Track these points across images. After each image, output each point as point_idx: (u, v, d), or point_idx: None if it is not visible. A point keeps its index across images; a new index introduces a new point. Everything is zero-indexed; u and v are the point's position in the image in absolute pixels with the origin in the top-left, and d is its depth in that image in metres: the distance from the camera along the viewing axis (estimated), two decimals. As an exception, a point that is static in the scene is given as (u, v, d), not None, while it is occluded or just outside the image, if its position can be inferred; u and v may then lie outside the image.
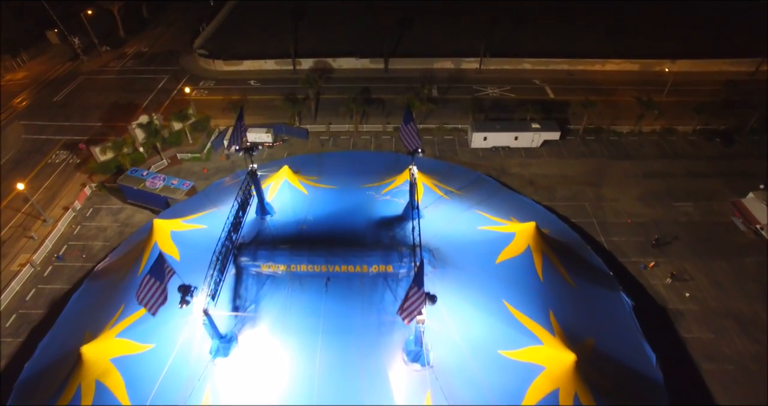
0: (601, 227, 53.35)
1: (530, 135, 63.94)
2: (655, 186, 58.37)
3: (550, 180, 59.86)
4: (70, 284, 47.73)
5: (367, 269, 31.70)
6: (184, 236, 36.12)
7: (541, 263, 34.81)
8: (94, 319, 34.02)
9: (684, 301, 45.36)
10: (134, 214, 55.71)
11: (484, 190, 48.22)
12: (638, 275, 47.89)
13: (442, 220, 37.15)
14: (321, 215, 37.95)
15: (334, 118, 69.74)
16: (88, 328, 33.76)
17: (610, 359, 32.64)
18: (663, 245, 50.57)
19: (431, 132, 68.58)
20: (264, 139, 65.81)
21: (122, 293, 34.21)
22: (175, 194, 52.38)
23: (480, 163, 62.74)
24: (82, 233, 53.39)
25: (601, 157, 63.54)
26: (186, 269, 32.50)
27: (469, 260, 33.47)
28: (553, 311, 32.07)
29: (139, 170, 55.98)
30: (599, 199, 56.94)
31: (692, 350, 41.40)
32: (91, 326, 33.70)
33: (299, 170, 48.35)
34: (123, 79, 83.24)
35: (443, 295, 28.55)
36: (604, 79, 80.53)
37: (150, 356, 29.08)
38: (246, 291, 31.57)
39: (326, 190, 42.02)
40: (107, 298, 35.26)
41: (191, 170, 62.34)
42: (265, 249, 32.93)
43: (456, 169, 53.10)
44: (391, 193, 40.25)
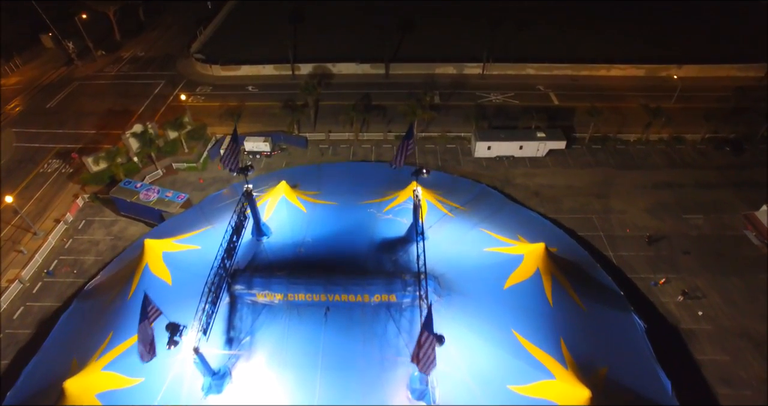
0: (608, 240, 51.73)
1: (535, 144, 62.32)
2: (663, 197, 56.75)
3: (556, 191, 58.22)
4: (60, 301, 46.06)
5: (368, 299, 30.05)
6: (177, 258, 34.47)
7: (550, 287, 33.20)
8: (82, 345, 32.37)
9: (697, 320, 43.75)
10: (128, 226, 54.04)
11: (489, 204, 46.59)
12: (648, 292, 46.29)
13: (446, 241, 35.52)
14: (320, 235, 36.27)
15: (333, 125, 68.11)
16: (75, 354, 32.16)
17: (625, 389, 31.04)
18: (655, 242, 50.07)
19: (433, 140, 67.00)
20: (262, 148, 64.19)
21: (111, 319, 32.57)
22: (169, 208, 50.71)
23: (484, 174, 61.12)
24: (74, 247, 51.71)
25: (608, 167, 61.90)
26: (178, 295, 31.01)
27: (476, 287, 31.85)
28: (565, 339, 30.45)
29: (132, 182, 54.28)
30: (606, 211, 55.31)
31: (708, 374, 39.78)
32: (78, 352, 32.08)
33: (297, 184, 46.78)
34: (118, 85, 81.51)
35: (449, 326, 27.05)
36: (609, 85, 78.90)
37: (138, 391, 27.47)
38: (240, 321, 29.93)
39: (326, 208, 40.35)
40: (96, 322, 33.62)
41: (187, 180, 60.68)
42: (261, 276, 31.26)
43: (460, 181, 51.49)
44: (393, 212, 38.61)
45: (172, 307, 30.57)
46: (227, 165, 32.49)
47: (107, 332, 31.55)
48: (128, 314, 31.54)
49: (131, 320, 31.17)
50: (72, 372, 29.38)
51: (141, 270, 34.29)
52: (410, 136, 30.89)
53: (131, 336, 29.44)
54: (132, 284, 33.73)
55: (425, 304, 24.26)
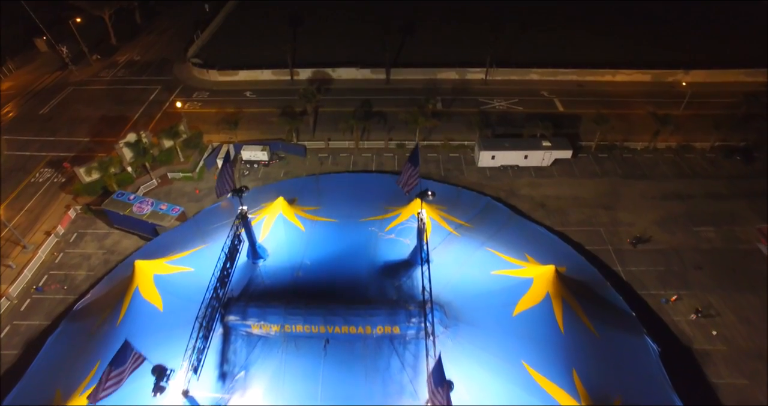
0: (617, 254, 50.06)
1: (541, 154, 60.67)
2: (673, 209, 55.08)
3: (562, 202, 56.54)
4: (48, 319, 44.33)
5: (370, 330, 28.36)
6: (169, 281, 32.79)
7: (561, 312, 31.55)
8: (67, 375, 30.69)
9: (711, 340, 42.07)
10: (121, 240, 52.33)
11: (495, 219, 44.95)
12: (659, 309, 44.63)
13: (452, 264, 33.84)
14: (319, 258, 34.57)
15: (333, 133, 66.42)
16: (59, 385, 30.48)
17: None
18: (642, 244, 49.47)
19: (436, 149, 65.34)
20: (260, 157, 62.55)
21: (98, 346, 30.87)
22: (163, 221, 49.02)
23: (488, 184, 59.46)
24: (65, 262, 49.99)
25: (615, 177, 60.23)
26: (168, 323, 29.39)
27: (484, 315, 30.19)
28: (577, 369, 28.82)
29: (125, 194, 52.57)
30: (614, 223, 53.64)
31: (724, 398, 38.12)
32: (62, 382, 30.41)
33: (295, 199, 45.11)
34: (113, 90, 79.76)
35: (457, 360, 25.53)
36: (615, 91, 77.21)
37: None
38: (234, 355, 28.22)
39: (325, 225, 38.65)
40: (83, 349, 31.90)
41: (182, 191, 58.98)
42: (257, 306, 29.54)
43: (464, 194, 49.83)
44: (396, 231, 36.91)
45: (162, 336, 29.10)
46: (220, 192, 30.50)
47: (94, 361, 29.86)
48: (116, 342, 29.66)
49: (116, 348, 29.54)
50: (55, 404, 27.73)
51: (131, 293, 32.61)
52: (415, 160, 29.18)
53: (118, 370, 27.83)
54: (121, 309, 32.05)
55: (432, 354, 22.38)
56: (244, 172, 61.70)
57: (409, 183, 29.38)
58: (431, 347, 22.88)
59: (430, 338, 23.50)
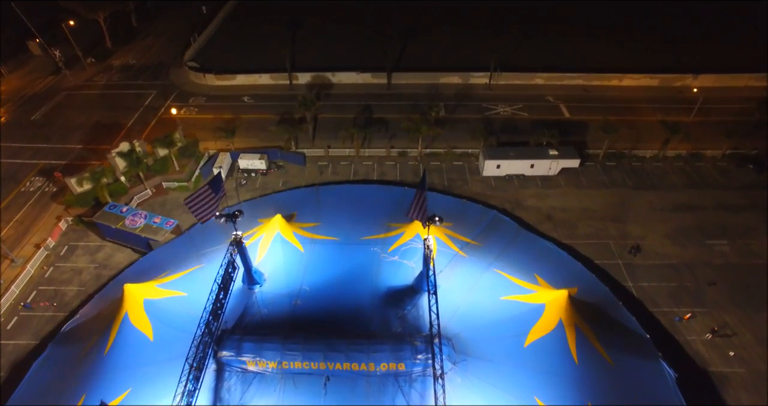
0: (627, 269, 48.29)
1: (547, 163, 58.91)
2: (684, 221, 53.30)
3: (570, 214, 54.75)
4: (36, 338, 42.48)
5: (374, 367, 26.63)
6: (159, 308, 31.02)
7: (574, 340, 29.84)
8: None
9: (728, 362, 40.32)
10: (114, 253, 50.50)
11: (502, 235, 43.19)
12: (672, 328, 42.89)
13: (459, 289, 32.08)
14: (319, 284, 32.80)
15: (333, 140, 64.59)
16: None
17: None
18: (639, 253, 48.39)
19: (439, 157, 63.57)
20: (257, 166, 60.71)
21: (85, 377, 29.14)
22: (157, 236, 47.20)
23: (493, 195, 57.67)
24: (55, 277, 48.16)
25: (624, 188, 58.43)
26: (159, 354, 27.70)
27: (494, 347, 28.47)
28: (593, 404, 27.01)
29: (118, 206, 50.75)
30: (624, 236, 51.87)
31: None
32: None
33: (294, 213, 43.34)
34: (108, 96, 77.87)
35: (466, 397, 23.71)
36: (622, 96, 75.43)
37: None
38: (228, 393, 26.48)
39: (325, 245, 36.88)
40: (69, 378, 30.09)
41: (177, 202, 56.96)
42: (252, 340, 27.76)
43: (469, 207, 48.02)
44: (399, 253, 35.14)
45: (152, 371, 27.42)
46: (207, 213, 28.41)
47: (80, 393, 28.11)
48: (103, 374, 28.23)
49: (106, 382, 27.90)
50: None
51: (120, 319, 30.87)
52: (423, 186, 27.41)
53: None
54: (109, 337, 30.28)
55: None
56: (241, 182, 59.88)
57: (420, 212, 27.57)
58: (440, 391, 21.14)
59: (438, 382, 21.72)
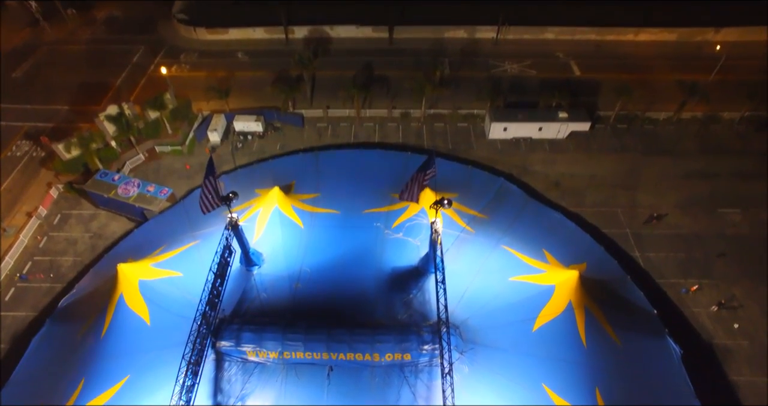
0: (635, 239, 47.22)
1: (556, 126, 56.39)
2: (696, 189, 51.56)
3: (578, 181, 52.95)
4: (35, 310, 42.02)
5: (378, 358, 25.84)
6: (155, 290, 29.92)
7: (583, 323, 29.06)
8: (51, 389, 28.48)
9: (732, 334, 40.08)
10: (108, 222, 49.11)
11: (510, 205, 41.60)
12: (679, 300, 42.37)
13: (468, 271, 30.82)
14: (320, 264, 31.48)
15: (332, 100, 61.47)
16: (43, 399, 28.34)
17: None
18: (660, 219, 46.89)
19: (443, 119, 60.88)
20: (253, 128, 58.18)
21: (83, 361, 28.53)
22: (151, 205, 45.60)
23: (499, 159, 55.57)
24: (49, 247, 47.04)
25: (635, 153, 56.22)
26: (157, 340, 26.93)
27: (503, 333, 27.60)
28: (600, 388, 26.76)
29: (109, 174, 48.77)
30: (633, 205, 50.37)
31: (745, 398, 36.54)
32: (47, 397, 28.26)
33: (293, 183, 41.54)
34: (92, 52, 73.32)
35: (473, 388, 23.24)
36: (638, 53, 71.34)
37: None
38: (229, 384, 25.85)
39: (326, 220, 35.31)
40: (67, 361, 29.48)
41: (172, 167, 55.07)
42: (252, 330, 26.75)
43: (476, 175, 46.10)
44: (403, 229, 33.65)
45: (150, 356, 26.66)
46: (206, 209, 26.60)
47: (78, 377, 27.59)
48: (101, 359, 27.63)
49: (104, 367, 27.32)
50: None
51: (115, 301, 29.89)
52: (429, 167, 25.36)
53: (103, 392, 25.66)
54: (105, 319, 29.40)
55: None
56: (237, 145, 57.55)
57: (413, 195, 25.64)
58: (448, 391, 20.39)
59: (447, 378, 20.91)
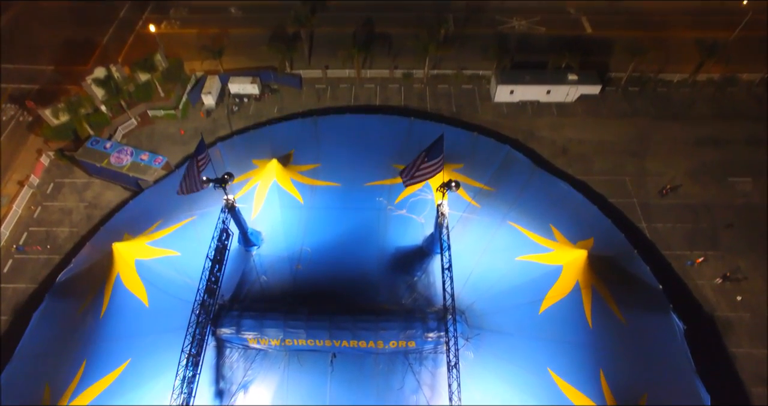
0: (642, 209, 46.32)
1: (565, 89, 54.00)
2: (707, 156, 50.02)
3: (586, 147, 51.32)
4: (35, 282, 41.75)
5: (383, 345, 25.42)
6: (152, 270, 29.22)
7: (590, 303, 28.66)
8: (54, 367, 28.42)
9: (734, 307, 40.07)
10: (103, 191, 47.89)
11: (516, 176, 40.32)
12: (683, 272, 42.06)
13: (473, 250, 29.94)
14: (321, 244, 30.54)
15: (331, 59, 58.51)
16: (47, 378, 28.42)
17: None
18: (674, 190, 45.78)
19: (447, 80, 58.26)
20: (249, 90, 55.75)
21: (83, 341, 28.29)
22: (146, 174, 44.23)
23: (504, 124, 53.63)
24: (44, 217, 46.09)
25: (646, 117, 54.13)
26: (156, 324, 26.55)
27: (509, 317, 27.15)
28: (604, 370, 26.71)
29: (101, 141, 46.99)
30: (642, 173, 49.05)
31: (742, 369, 37.00)
32: (50, 376, 28.35)
33: (292, 152, 40.02)
34: (75, 6, 68.72)
35: (478, 375, 23.11)
36: (654, 8, 67.17)
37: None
38: (231, 370, 25.61)
39: (326, 194, 34.08)
40: (68, 340, 29.21)
41: (166, 132, 53.14)
42: (252, 317, 26.13)
43: (481, 143, 44.40)
44: (407, 206, 32.49)
45: (151, 339, 26.41)
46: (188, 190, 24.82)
47: (80, 358, 27.44)
48: (101, 340, 27.40)
49: (105, 349, 27.14)
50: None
51: (112, 280, 29.30)
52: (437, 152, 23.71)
53: (105, 375, 25.56)
54: (104, 299, 28.91)
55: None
56: (233, 109, 55.32)
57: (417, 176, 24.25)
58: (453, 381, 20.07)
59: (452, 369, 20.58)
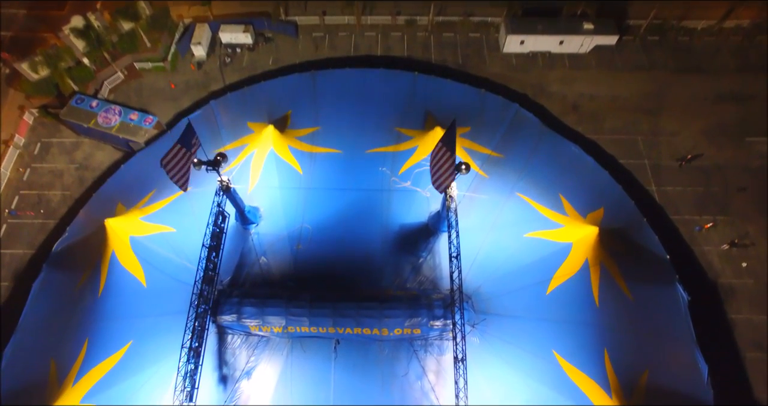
0: (653, 170, 44.82)
1: (580, 39, 50.40)
2: (726, 114, 47.58)
3: (598, 104, 48.77)
4: (32, 248, 41.21)
5: (387, 332, 24.95)
6: (148, 248, 28.31)
7: (598, 280, 28.12)
8: (59, 345, 28.34)
9: (739, 273, 39.81)
10: (93, 152, 46.04)
11: (525, 138, 38.36)
12: (691, 238, 41.40)
13: (480, 226, 28.77)
14: (321, 219, 29.31)
15: (329, 5, 54.26)
16: (52, 353, 28.45)
17: (663, 389, 28.30)
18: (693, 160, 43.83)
19: (453, 28, 54.27)
20: (242, 39, 52.07)
21: (84, 319, 27.96)
22: (136, 136, 42.19)
23: (513, 77, 50.61)
24: (34, 180, 44.62)
25: (664, 70, 50.95)
26: (155, 305, 25.97)
27: (516, 299, 26.56)
28: (608, 349, 26.65)
29: (86, 99, 44.36)
30: (655, 132, 46.95)
31: (739, 335, 37.41)
32: (55, 352, 28.33)
33: (289, 113, 37.86)
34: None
35: (483, 360, 23.12)
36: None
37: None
38: (233, 357, 25.34)
39: (326, 162, 32.38)
40: (69, 318, 28.80)
41: (156, 86, 50.22)
42: (252, 305, 25.42)
43: (489, 101, 41.85)
44: (412, 177, 30.87)
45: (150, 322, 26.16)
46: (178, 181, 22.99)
47: (82, 336, 27.27)
48: (101, 320, 27.15)
49: (106, 329, 27.01)
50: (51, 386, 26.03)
51: (108, 258, 28.53)
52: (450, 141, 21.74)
53: (108, 357, 25.50)
54: (101, 276, 28.29)
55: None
56: (225, 60, 51.94)
57: (443, 178, 22.50)
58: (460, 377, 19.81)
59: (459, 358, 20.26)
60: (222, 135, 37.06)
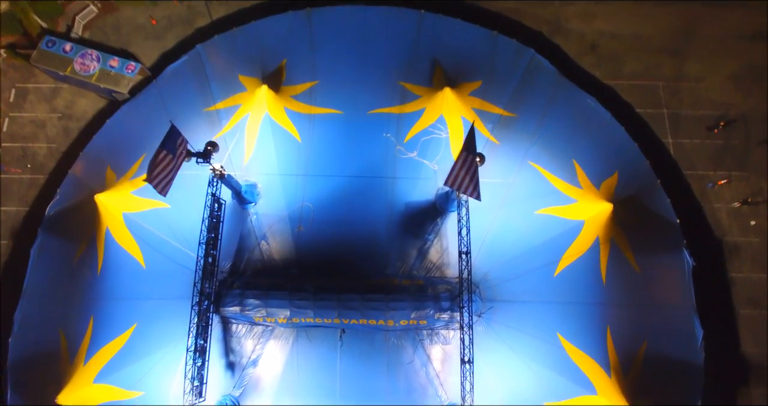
0: (671, 121, 42.36)
1: (606, -34, 44.66)
2: (757, 55, 43.61)
3: (619, 43, 44.68)
4: (25, 205, 40.08)
5: (393, 323, 24.62)
6: (143, 226, 27.16)
7: (606, 257, 27.57)
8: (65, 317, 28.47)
9: (746, 231, 39.36)
10: (75, 99, 42.91)
11: (539, 92, 35.68)
12: (702, 195, 40.27)
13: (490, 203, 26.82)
14: (323, 197, 27.70)
15: None
16: (60, 325, 28.75)
17: (659, 359, 29.10)
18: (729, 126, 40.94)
19: (464, -49, 47.80)
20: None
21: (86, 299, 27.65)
22: (119, 86, 38.92)
23: (528, 11, 45.70)
24: (15, 131, 42.13)
25: (696, 2, 45.83)
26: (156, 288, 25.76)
27: (523, 284, 26.00)
28: (611, 326, 26.84)
29: (57, 41, 40.20)
30: (678, 77, 43.58)
31: (736, 293, 37.95)
32: (63, 324, 28.58)
33: (284, 63, 34.70)
34: None
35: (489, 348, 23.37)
36: None
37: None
38: (239, 345, 25.27)
39: (326, 127, 30.00)
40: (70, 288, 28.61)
41: (135, 22, 45.39)
42: (255, 296, 24.71)
43: (501, 45, 38.07)
44: (418, 146, 28.71)
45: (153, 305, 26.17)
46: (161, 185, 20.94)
47: (87, 313, 27.25)
48: (103, 298, 27.05)
49: (110, 310, 27.05)
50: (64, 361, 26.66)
51: (102, 234, 27.62)
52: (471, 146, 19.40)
53: (114, 338, 25.75)
54: (98, 253, 27.57)
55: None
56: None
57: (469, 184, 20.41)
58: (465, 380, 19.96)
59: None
60: (212, 89, 34.22)
